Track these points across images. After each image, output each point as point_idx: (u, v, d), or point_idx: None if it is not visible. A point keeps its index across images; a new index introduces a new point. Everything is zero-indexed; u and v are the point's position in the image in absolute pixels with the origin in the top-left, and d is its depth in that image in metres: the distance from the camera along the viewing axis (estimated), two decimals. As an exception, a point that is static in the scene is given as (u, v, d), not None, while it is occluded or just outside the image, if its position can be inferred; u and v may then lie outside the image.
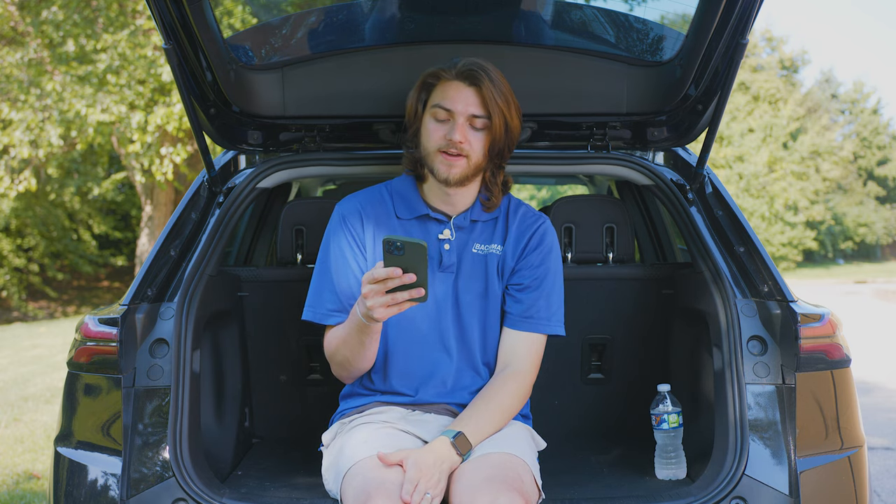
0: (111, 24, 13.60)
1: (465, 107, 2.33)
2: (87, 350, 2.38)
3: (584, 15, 2.95)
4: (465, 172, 2.36)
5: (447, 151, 2.34)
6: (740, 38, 2.42)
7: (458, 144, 2.32)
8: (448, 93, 2.35)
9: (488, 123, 2.35)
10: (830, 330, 2.39)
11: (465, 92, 2.34)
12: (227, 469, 2.63)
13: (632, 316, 3.05)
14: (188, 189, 2.94)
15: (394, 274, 1.98)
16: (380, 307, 2.04)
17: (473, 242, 2.45)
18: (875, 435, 5.67)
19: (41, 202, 17.56)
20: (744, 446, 2.28)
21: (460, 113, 2.33)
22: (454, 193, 2.42)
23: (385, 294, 2.03)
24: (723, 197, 2.75)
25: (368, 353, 2.31)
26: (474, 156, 2.36)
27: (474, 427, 2.23)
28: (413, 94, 2.43)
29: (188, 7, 2.31)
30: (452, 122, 2.34)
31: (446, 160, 2.34)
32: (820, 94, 43.23)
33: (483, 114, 2.34)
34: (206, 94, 2.69)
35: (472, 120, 2.34)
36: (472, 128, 2.35)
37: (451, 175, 2.35)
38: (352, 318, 2.23)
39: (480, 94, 2.33)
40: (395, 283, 2.00)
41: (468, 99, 2.34)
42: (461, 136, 2.32)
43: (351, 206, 2.46)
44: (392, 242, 1.95)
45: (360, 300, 2.12)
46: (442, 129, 2.35)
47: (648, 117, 2.83)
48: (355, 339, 2.25)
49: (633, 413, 2.98)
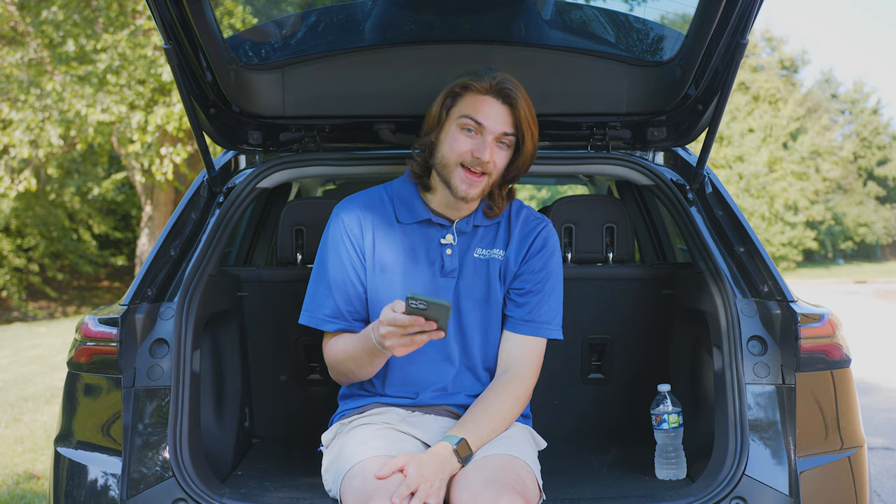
0: (111, 24, 13.59)
1: (497, 124, 2.29)
2: (87, 350, 2.38)
3: (584, 15, 2.95)
4: (483, 190, 2.34)
5: (471, 168, 2.30)
6: (740, 38, 2.42)
7: (485, 164, 2.29)
8: (481, 107, 2.29)
9: (514, 142, 2.33)
10: (830, 330, 2.39)
11: (498, 109, 2.30)
12: (227, 469, 2.63)
13: (632, 316, 3.04)
14: (188, 189, 2.94)
15: (416, 322, 2.01)
16: (399, 347, 2.08)
17: (475, 247, 2.44)
18: (875, 435, 5.67)
19: (41, 202, 17.55)
20: (744, 446, 2.27)
21: (490, 130, 2.29)
22: (463, 205, 2.40)
23: (403, 336, 2.06)
24: (723, 197, 2.75)
25: (375, 369, 2.32)
26: (495, 174, 2.33)
27: (476, 433, 2.23)
28: (438, 101, 2.36)
29: (188, 7, 2.31)
30: (482, 137, 2.29)
31: (468, 178, 2.30)
32: (820, 94, 43.22)
33: (513, 132, 2.31)
34: (206, 94, 2.69)
35: (501, 137, 2.31)
36: (499, 144, 2.32)
37: (470, 192, 2.31)
38: (364, 341, 2.23)
39: (513, 114, 2.30)
40: (416, 329, 2.03)
41: (501, 117, 2.30)
42: (489, 156, 2.28)
43: (350, 209, 2.44)
44: (416, 299, 1.98)
45: (378, 335, 2.12)
46: (469, 143, 2.30)
47: (648, 117, 2.83)
48: (365, 358, 2.26)
49: (633, 413, 2.98)
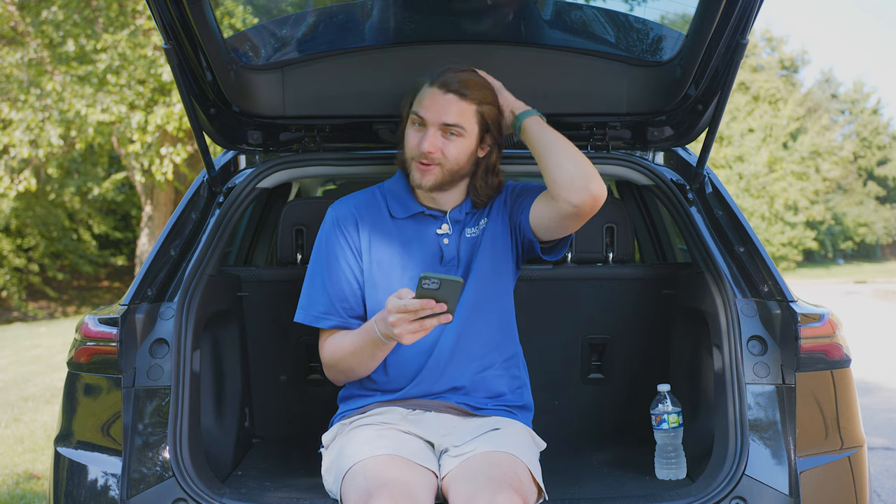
0: (111, 24, 13.59)
1: (439, 115, 2.34)
2: (87, 350, 2.38)
3: (584, 15, 2.94)
4: (438, 180, 2.38)
5: (419, 160, 2.36)
6: (740, 38, 2.42)
7: (429, 154, 2.34)
8: (424, 101, 2.36)
9: (463, 131, 2.36)
10: (830, 330, 2.39)
11: (440, 99, 2.34)
12: (227, 469, 2.63)
13: (632, 316, 3.04)
14: (188, 189, 2.94)
15: (426, 305, 2.02)
16: (408, 334, 2.08)
17: (466, 229, 2.47)
18: (875, 435, 5.67)
19: (41, 202, 17.55)
20: (744, 446, 2.27)
21: (432, 122, 2.34)
22: (437, 196, 2.44)
23: (413, 322, 2.06)
24: (723, 197, 2.75)
25: (376, 364, 2.33)
26: (449, 163, 2.37)
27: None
28: (404, 99, 2.45)
29: (188, 7, 2.31)
30: (425, 130, 2.35)
31: (419, 168, 2.37)
32: (820, 94, 43.22)
33: (456, 122, 2.34)
34: (206, 94, 2.69)
35: (444, 128, 2.35)
36: (446, 136, 2.35)
37: (424, 182, 2.37)
38: (366, 334, 2.25)
39: (458, 101, 2.34)
40: (427, 314, 2.04)
41: (443, 106, 2.34)
42: (430, 146, 2.33)
43: (345, 209, 2.48)
44: (428, 278, 1.99)
45: (385, 325, 2.13)
46: (416, 137, 2.37)
47: (648, 117, 2.82)
48: (367, 353, 2.27)
49: (633, 413, 2.98)
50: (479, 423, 2.35)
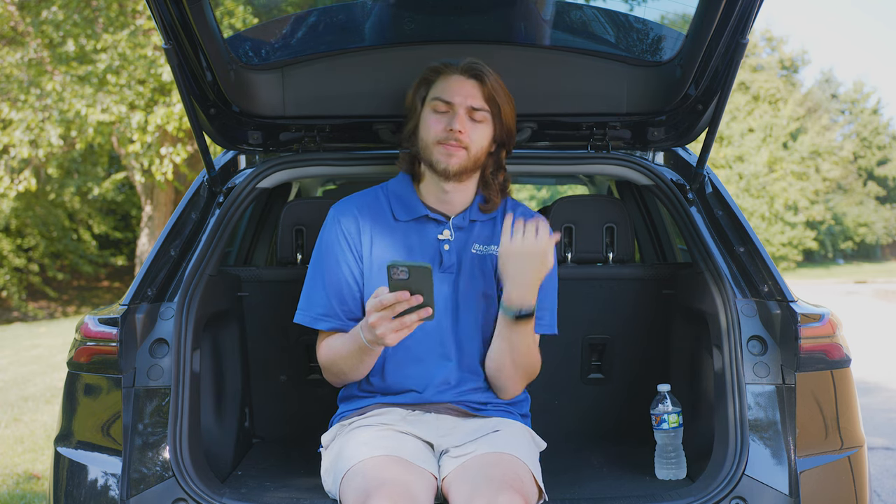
0: (111, 24, 13.59)
1: (465, 98, 2.36)
2: (87, 350, 2.38)
3: (584, 15, 2.95)
4: (464, 164, 2.37)
5: (446, 143, 2.35)
6: (740, 38, 2.42)
7: (458, 135, 2.33)
8: (449, 85, 2.37)
9: (488, 117, 2.37)
10: (830, 330, 2.39)
11: (466, 84, 2.37)
12: (227, 469, 2.63)
13: (632, 316, 3.04)
14: (188, 189, 2.94)
15: (401, 298, 1.99)
16: (390, 333, 2.05)
17: (473, 243, 2.45)
18: (875, 435, 5.67)
19: (41, 202, 17.55)
20: (744, 446, 2.28)
21: (460, 104, 2.35)
22: (452, 190, 2.42)
23: (393, 320, 2.03)
24: (723, 197, 2.75)
25: (366, 368, 2.33)
26: (474, 147, 2.37)
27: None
28: (412, 92, 2.45)
29: (188, 7, 2.31)
30: (452, 113, 2.36)
31: (446, 150, 2.35)
32: (820, 94, 43.22)
33: (483, 107, 2.37)
34: (206, 94, 2.69)
35: (471, 112, 2.36)
36: (472, 120, 2.37)
37: (451, 165, 2.35)
38: (353, 340, 2.24)
39: (481, 88, 2.36)
40: (404, 307, 2.01)
41: (469, 91, 2.36)
42: (461, 126, 2.33)
43: (347, 209, 2.46)
44: (396, 267, 1.95)
45: (367, 328, 2.11)
46: (442, 121, 2.37)
47: (648, 117, 2.83)
48: (356, 358, 2.27)
49: (633, 413, 2.97)
50: (479, 424, 2.35)
